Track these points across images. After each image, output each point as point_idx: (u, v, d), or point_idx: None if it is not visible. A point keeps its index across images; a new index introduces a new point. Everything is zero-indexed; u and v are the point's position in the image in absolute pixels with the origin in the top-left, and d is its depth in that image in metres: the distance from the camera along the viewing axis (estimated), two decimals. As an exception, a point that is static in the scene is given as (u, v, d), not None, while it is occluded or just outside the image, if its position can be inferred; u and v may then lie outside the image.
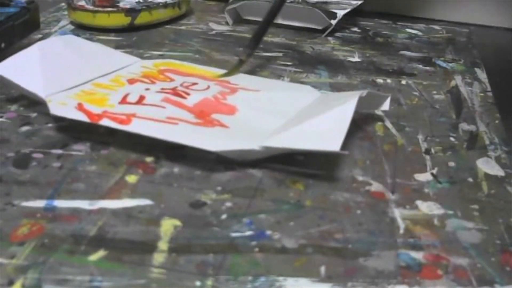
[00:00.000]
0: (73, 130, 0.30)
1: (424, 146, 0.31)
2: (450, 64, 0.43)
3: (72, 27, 0.46)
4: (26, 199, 0.24)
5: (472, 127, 0.33)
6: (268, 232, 0.23)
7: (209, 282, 0.20)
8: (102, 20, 0.45)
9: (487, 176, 0.28)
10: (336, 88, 0.37)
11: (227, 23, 0.49)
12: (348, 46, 0.45)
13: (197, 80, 0.35)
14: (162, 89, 0.33)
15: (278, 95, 0.34)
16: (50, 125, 0.31)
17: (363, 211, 0.25)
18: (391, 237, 0.23)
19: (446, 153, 0.30)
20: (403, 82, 0.39)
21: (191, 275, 0.21)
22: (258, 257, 0.22)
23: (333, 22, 0.46)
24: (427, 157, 0.29)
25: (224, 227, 0.23)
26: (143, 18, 0.46)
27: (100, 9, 0.45)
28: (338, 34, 0.48)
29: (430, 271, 0.22)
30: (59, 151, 0.28)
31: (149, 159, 0.28)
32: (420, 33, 0.50)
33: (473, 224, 0.24)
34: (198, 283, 0.20)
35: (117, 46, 0.42)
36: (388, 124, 0.33)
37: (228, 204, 0.25)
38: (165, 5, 0.47)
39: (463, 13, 0.53)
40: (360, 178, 0.27)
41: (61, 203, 0.24)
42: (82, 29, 0.46)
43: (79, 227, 0.23)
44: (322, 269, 0.21)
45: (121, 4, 0.46)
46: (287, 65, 0.40)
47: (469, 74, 0.41)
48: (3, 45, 0.37)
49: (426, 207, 0.25)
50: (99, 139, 0.29)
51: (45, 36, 0.43)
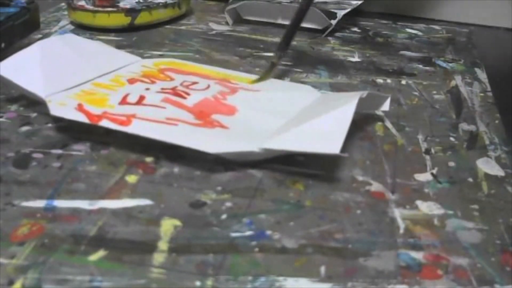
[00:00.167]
0: (73, 130, 0.30)
1: (424, 146, 0.31)
2: (450, 64, 0.43)
3: (72, 27, 0.46)
4: (26, 199, 0.24)
5: (472, 127, 0.33)
6: (268, 232, 0.23)
7: (209, 282, 0.20)
8: (102, 20, 0.45)
9: (487, 176, 0.28)
10: (336, 88, 0.37)
11: (227, 23, 0.49)
12: (348, 46, 0.45)
13: (198, 79, 0.35)
14: (162, 89, 0.33)
15: (278, 95, 0.34)
16: (50, 125, 0.31)
17: (363, 211, 0.25)
18: (391, 237, 0.23)
19: (446, 153, 0.30)
20: (403, 82, 0.39)
21: (191, 275, 0.21)
22: (258, 257, 0.22)
23: (333, 22, 0.46)
24: (427, 157, 0.29)
25: (224, 227, 0.23)
26: (143, 18, 0.46)
27: (100, 9, 0.45)
28: (338, 34, 0.48)
29: (430, 271, 0.22)
30: (59, 151, 0.28)
31: (149, 159, 0.28)
32: (420, 33, 0.50)
33: (473, 224, 0.24)
34: (198, 283, 0.20)
35: (117, 46, 0.42)
36: (388, 124, 0.33)
37: (228, 204, 0.25)
38: (165, 5, 0.47)
39: (463, 13, 0.53)
40: (360, 178, 0.27)
41: (61, 203, 0.24)
42: (82, 29, 0.46)
43: (79, 227, 0.23)
44: (322, 269, 0.21)
45: (121, 4, 0.46)
46: (287, 65, 0.40)
47: (469, 74, 0.41)
48: (3, 45, 0.37)
49: (426, 207, 0.25)
50: (99, 139, 0.29)
51: (45, 36, 0.43)
